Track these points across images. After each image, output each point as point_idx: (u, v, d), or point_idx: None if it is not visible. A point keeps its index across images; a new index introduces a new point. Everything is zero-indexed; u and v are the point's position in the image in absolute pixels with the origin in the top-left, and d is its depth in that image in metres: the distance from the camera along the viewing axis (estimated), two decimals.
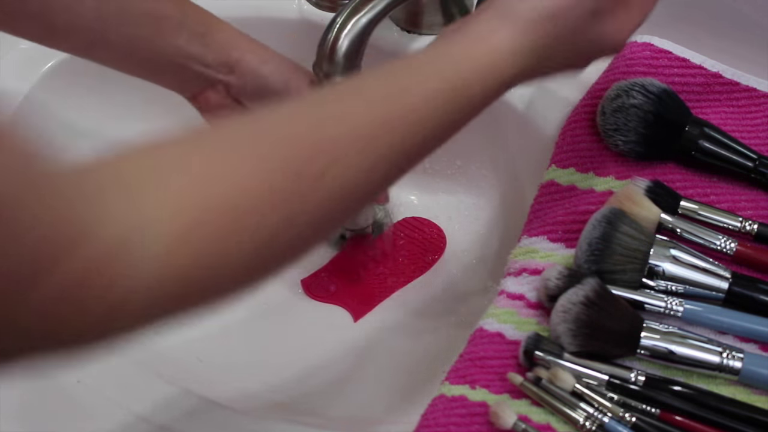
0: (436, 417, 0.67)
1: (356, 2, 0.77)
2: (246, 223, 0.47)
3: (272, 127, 0.52)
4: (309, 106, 0.54)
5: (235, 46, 0.78)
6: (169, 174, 0.46)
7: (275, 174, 0.49)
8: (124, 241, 0.42)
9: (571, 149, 0.81)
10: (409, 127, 0.56)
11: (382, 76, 0.58)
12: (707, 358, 0.68)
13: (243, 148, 0.49)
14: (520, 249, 0.76)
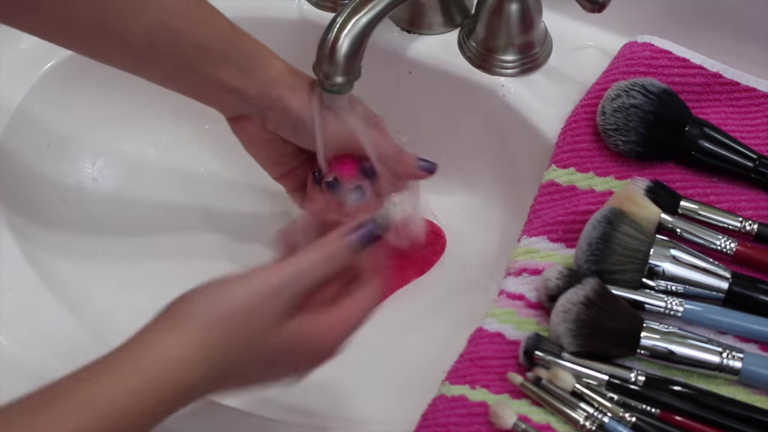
0: (436, 417, 0.67)
1: (356, 2, 0.77)
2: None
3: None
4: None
5: (276, 83, 0.77)
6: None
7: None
8: None
9: (571, 149, 0.81)
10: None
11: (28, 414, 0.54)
12: (707, 358, 0.68)
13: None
14: (520, 249, 0.76)
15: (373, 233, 0.64)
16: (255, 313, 0.60)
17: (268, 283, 0.60)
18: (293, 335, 0.61)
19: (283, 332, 0.61)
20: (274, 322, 0.60)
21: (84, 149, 0.94)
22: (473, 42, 0.89)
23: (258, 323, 0.60)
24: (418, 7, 0.91)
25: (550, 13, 0.91)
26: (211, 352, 0.58)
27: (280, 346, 0.61)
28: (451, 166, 0.96)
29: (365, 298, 0.65)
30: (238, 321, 0.59)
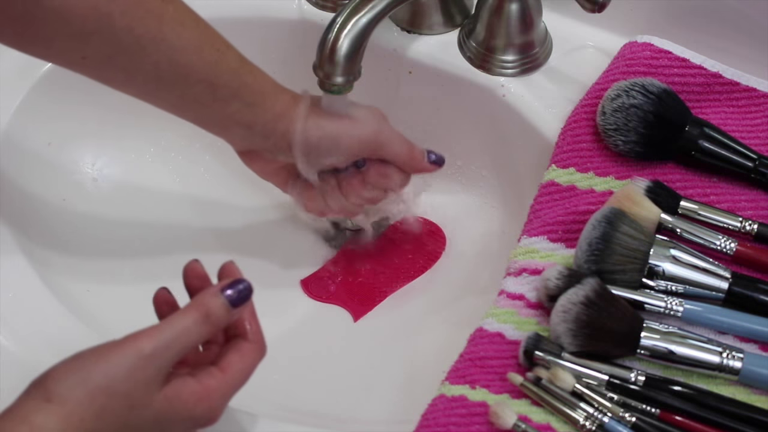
0: (436, 417, 0.67)
1: (356, 2, 0.77)
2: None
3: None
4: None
5: (282, 117, 0.78)
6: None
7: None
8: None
9: (571, 149, 0.81)
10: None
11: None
12: (707, 358, 0.68)
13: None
14: (520, 249, 0.76)
15: (247, 290, 0.62)
16: (123, 387, 0.58)
17: (138, 353, 0.58)
18: (169, 403, 0.60)
19: (157, 402, 0.59)
20: (146, 393, 0.59)
21: (84, 149, 0.94)
22: (473, 42, 0.89)
23: (128, 397, 0.58)
24: (418, 7, 0.91)
25: (550, 13, 0.91)
26: (84, 424, 0.57)
27: (155, 417, 0.59)
28: (451, 166, 0.96)
29: (246, 357, 0.64)
30: (103, 398, 0.57)
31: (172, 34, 0.72)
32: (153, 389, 0.59)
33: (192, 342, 0.60)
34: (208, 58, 0.74)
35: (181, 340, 0.59)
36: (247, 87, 0.77)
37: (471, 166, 0.95)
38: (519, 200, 0.88)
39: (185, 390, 0.60)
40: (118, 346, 0.58)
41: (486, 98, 0.89)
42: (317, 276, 0.92)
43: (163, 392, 0.59)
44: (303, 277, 0.92)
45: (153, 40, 0.71)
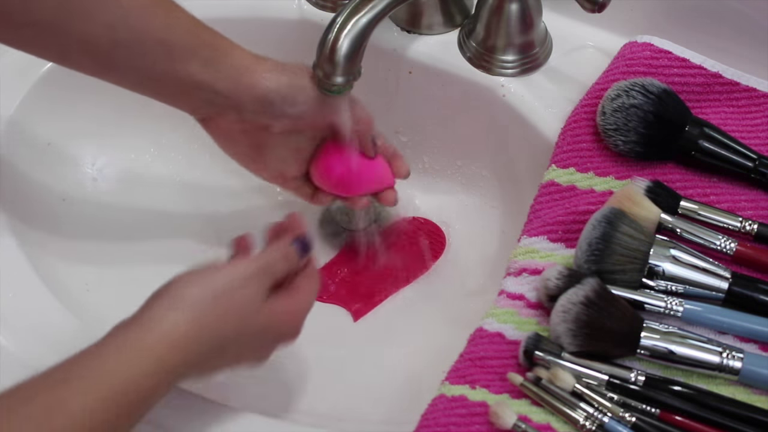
0: (436, 417, 0.67)
1: (356, 2, 0.77)
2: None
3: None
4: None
5: (245, 70, 0.77)
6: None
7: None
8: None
9: (571, 149, 0.81)
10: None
11: (49, 385, 0.59)
12: (707, 358, 0.68)
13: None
14: (520, 249, 0.76)
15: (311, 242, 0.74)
16: (239, 296, 0.66)
17: (247, 270, 0.68)
18: (269, 317, 0.68)
19: (262, 316, 0.68)
20: (254, 305, 0.67)
21: (84, 149, 0.94)
22: (473, 42, 0.89)
23: (242, 305, 0.66)
24: (418, 7, 0.91)
25: (550, 13, 0.91)
26: (204, 330, 0.64)
27: (260, 328, 0.68)
28: (451, 166, 0.96)
29: (312, 286, 0.73)
30: (225, 302, 0.65)
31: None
32: (258, 303, 0.67)
33: (278, 272, 0.70)
34: (162, 17, 0.74)
35: (272, 269, 0.69)
36: (204, 45, 0.76)
37: (471, 166, 0.95)
38: (519, 200, 0.88)
39: (279, 308, 0.69)
40: (225, 267, 0.68)
41: (486, 98, 0.89)
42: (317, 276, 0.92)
43: (265, 306, 0.68)
44: None
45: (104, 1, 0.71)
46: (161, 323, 0.63)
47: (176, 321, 0.63)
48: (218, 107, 0.78)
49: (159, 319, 0.63)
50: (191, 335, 0.63)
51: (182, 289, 0.65)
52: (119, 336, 0.63)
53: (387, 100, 0.94)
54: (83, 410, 0.58)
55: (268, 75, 0.77)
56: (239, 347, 0.68)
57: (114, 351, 0.61)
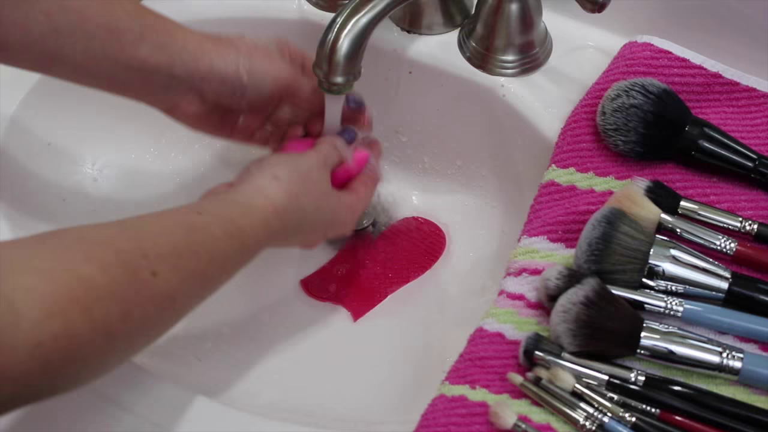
0: (436, 417, 0.67)
1: (356, 2, 0.77)
2: (94, 311, 0.56)
3: (111, 237, 0.61)
4: (138, 227, 0.64)
5: (201, 53, 0.76)
6: (26, 271, 0.54)
7: (115, 272, 0.58)
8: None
9: (571, 149, 0.81)
10: (209, 253, 0.66)
11: (187, 213, 0.68)
12: (707, 358, 0.68)
13: (87, 251, 0.58)
14: (520, 249, 0.76)
15: (355, 132, 0.82)
16: (317, 177, 0.76)
17: (318, 158, 0.77)
18: (338, 202, 0.78)
19: (333, 197, 0.78)
20: (328, 186, 0.77)
21: (84, 149, 0.94)
22: (473, 42, 0.89)
23: (320, 186, 0.76)
24: (418, 8, 0.91)
25: (550, 13, 0.91)
26: (295, 202, 0.73)
27: (331, 207, 0.77)
28: (451, 166, 0.96)
29: (369, 188, 0.82)
30: (309, 183, 0.75)
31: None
32: (330, 187, 0.77)
33: (334, 161, 0.79)
34: (101, 1, 0.72)
35: (330, 159, 0.78)
36: (151, 28, 0.74)
37: (471, 166, 0.95)
38: (519, 200, 0.88)
39: (345, 198, 0.79)
40: (302, 155, 0.77)
41: (486, 98, 0.89)
42: (317, 276, 0.92)
43: (334, 193, 0.78)
44: (303, 277, 0.92)
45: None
46: (265, 191, 0.71)
47: (277, 192, 0.71)
48: (178, 92, 0.77)
49: (263, 188, 0.71)
50: (287, 205, 0.72)
51: (275, 168, 0.73)
52: (228, 196, 0.71)
53: (387, 100, 0.94)
54: (220, 235, 0.66)
55: (226, 57, 0.77)
56: (313, 223, 0.76)
57: (237, 206, 0.70)
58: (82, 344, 0.55)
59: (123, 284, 0.58)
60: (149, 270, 0.60)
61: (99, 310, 0.56)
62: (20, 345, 0.52)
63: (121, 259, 0.59)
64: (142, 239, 0.61)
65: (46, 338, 0.53)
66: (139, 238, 0.61)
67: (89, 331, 0.55)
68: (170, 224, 0.65)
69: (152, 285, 0.60)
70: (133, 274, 0.59)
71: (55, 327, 0.53)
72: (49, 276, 0.55)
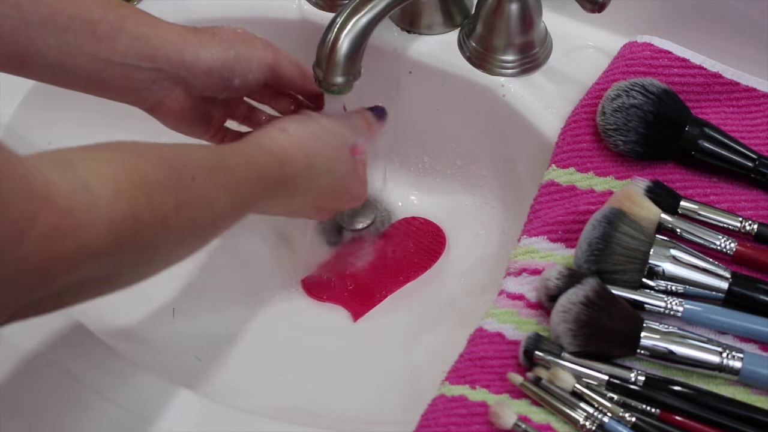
0: (436, 417, 0.67)
1: (356, 2, 0.77)
2: (154, 197, 0.59)
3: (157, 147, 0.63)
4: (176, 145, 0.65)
5: (184, 44, 0.74)
6: (94, 160, 0.57)
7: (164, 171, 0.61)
8: (73, 202, 0.53)
9: (571, 149, 0.81)
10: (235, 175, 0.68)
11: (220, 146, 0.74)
12: (707, 358, 0.68)
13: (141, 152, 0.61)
14: (520, 249, 0.76)
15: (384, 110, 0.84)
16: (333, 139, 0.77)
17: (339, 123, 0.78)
18: (354, 169, 0.79)
19: (349, 162, 0.78)
20: (345, 151, 0.78)
21: None
22: (473, 42, 0.89)
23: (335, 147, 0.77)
24: (418, 7, 0.91)
25: (550, 13, 0.91)
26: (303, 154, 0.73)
27: (345, 172, 0.78)
28: (451, 166, 0.96)
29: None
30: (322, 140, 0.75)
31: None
32: (347, 152, 0.78)
33: (360, 131, 0.80)
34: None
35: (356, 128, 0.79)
36: (127, 19, 0.72)
37: (471, 166, 0.95)
38: (519, 200, 0.88)
39: (360, 168, 0.80)
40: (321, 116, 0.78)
41: (486, 98, 0.89)
42: (317, 276, 0.92)
43: (352, 160, 0.78)
44: (303, 277, 0.92)
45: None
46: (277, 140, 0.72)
47: (286, 142, 0.73)
48: (164, 88, 0.75)
49: (275, 137, 0.73)
50: (296, 157, 0.72)
51: (286, 122, 0.75)
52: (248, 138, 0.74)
53: (387, 100, 0.94)
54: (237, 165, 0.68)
55: (210, 47, 0.75)
56: (324, 185, 0.76)
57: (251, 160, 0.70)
58: (145, 226, 0.58)
59: (171, 180, 0.61)
60: (190, 175, 0.62)
61: (157, 198, 0.59)
62: (98, 222, 0.54)
63: (167, 162, 0.62)
64: (182, 152, 0.64)
65: (117, 217, 0.55)
66: (179, 151, 0.64)
67: (150, 215, 0.58)
68: (203, 148, 0.68)
69: (193, 187, 0.62)
70: (178, 175, 0.61)
71: (124, 207, 0.56)
72: (114, 165, 0.57)
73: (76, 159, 0.56)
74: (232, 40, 0.77)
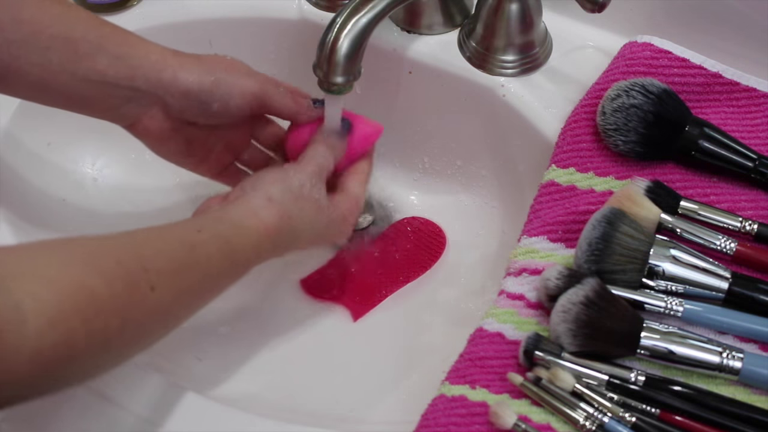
0: (436, 417, 0.67)
1: (356, 2, 0.77)
2: (94, 323, 0.57)
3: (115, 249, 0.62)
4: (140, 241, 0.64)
5: (164, 65, 0.74)
6: (35, 278, 0.55)
7: (117, 285, 0.59)
8: (5, 325, 0.52)
9: (571, 149, 0.81)
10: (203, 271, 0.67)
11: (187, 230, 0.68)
12: (707, 358, 0.68)
13: (92, 262, 0.59)
14: (520, 249, 0.76)
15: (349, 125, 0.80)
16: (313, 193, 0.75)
17: (312, 170, 0.76)
18: (335, 211, 0.77)
19: (326, 212, 0.76)
20: (324, 201, 0.76)
21: (84, 149, 0.94)
22: (473, 42, 0.89)
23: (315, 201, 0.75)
24: (417, 7, 0.91)
25: (550, 13, 0.91)
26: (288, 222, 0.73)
27: (329, 221, 0.77)
28: (451, 166, 0.96)
29: (363, 183, 0.81)
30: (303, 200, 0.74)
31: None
32: (325, 200, 0.76)
33: (329, 165, 0.78)
34: (53, 11, 0.71)
35: (323, 167, 0.77)
36: (108, 38, 0.72)
37: (471, 166, 0.95)
38: (519, 200, 0.88)
39: (341, 205, 0.78)
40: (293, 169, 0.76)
41: (486, 98, 0.89)
42: (317, 275, 0.92)
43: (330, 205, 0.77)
44: (303, 277, 0.92)
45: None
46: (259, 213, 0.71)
47: (270, 214, 0.72)
48: (141, 105, 0.75)
49: (257, 210, 0.71)
50: (279, 227, 0.72)
51: (269, 187, 0.73)
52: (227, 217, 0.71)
53: (387, 100, 0.94)
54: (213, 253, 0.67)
55: (190, 69, 0.75)
56: (306, 239, 0.76)
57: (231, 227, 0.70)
58: (80, 353, 0.56)
59: (123, 297, 0.59)
60: (149, 284, 0.61)
61: (99, 322, 0.57)
62: (23, 351, 0.53)
63: (124, 271, 0.60)
64: (144, 253, 0.62)
65: (47, 346, 0.54)
66: (141, 252, 0.62)
67: (87, 341, 0.56)
68: (172, 240, 0.66)
69: (150, 299, 0.61)
70: (133, 287, 0.60)
71: (56, 336, 0.54)
72: (55, 285, 0.55)
73: (16, 275, 0.55)
74: (215, 65, 0.76)
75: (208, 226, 0.69)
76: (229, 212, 0.72)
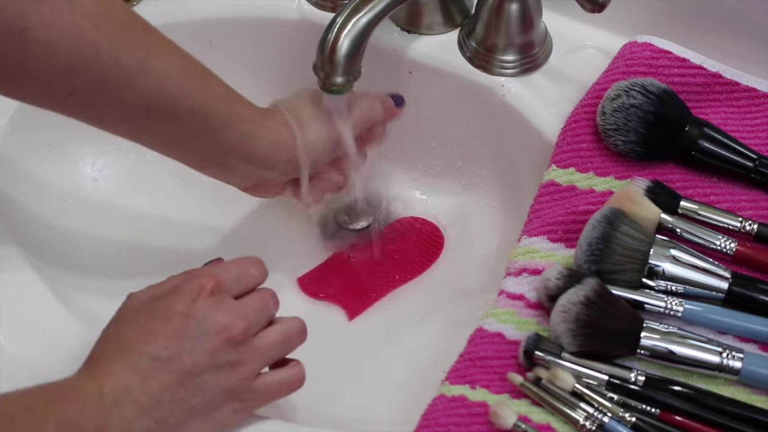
0: (436, 417, 0.67)
1: (356, 2, 0.77)
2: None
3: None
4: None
5: (283, 146, 0.78)
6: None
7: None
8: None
9: (571, 149, 0.81)
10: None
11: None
12: (707, 358, 0.68)
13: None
14: (520, 249, 0.76)
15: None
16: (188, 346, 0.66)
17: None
18: (224, 377, 0.68)
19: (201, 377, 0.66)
20: (208, 363, 0.67)
21: (84, 149, 0.94)
22: (473, 42, 0.89)
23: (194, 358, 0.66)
24: (417, 7, 0.91)
25: (550, 13, 0.91)
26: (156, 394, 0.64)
27: (218, 383, 0.67)
28: (451, 166, 0.96)
29: (288, 378, 0.73)
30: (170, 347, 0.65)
31: (158, 62, 0.71)
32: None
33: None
34: (196, 85, 0.74)
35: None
36: (237, 116, 0.76)
37: (471, 166, 0.95)
38: (519, 200, 0.88)
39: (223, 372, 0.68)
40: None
41: (486, 98, 0.89)
42: (314, 274, 0.92)
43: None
44: (299, 275, 0.92)
45: (140, 69, 0.70)
46: (120, 387, 0.63)
47: (131, 386, 0.63)
48: (259, 179, 0.80)
49: (115, 382, 0.63)
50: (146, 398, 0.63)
51: (139, 347, 0.64)
52: (78, 387, 0.63)
53: None
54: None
55: (312, 146, 0.79)
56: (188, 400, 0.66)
57: (76, 399, 0.62)
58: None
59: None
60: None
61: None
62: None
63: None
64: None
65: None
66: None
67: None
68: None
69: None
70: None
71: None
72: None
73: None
74: (319, 124, 0.80)
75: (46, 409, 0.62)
76: (80, 387, 0.63)
